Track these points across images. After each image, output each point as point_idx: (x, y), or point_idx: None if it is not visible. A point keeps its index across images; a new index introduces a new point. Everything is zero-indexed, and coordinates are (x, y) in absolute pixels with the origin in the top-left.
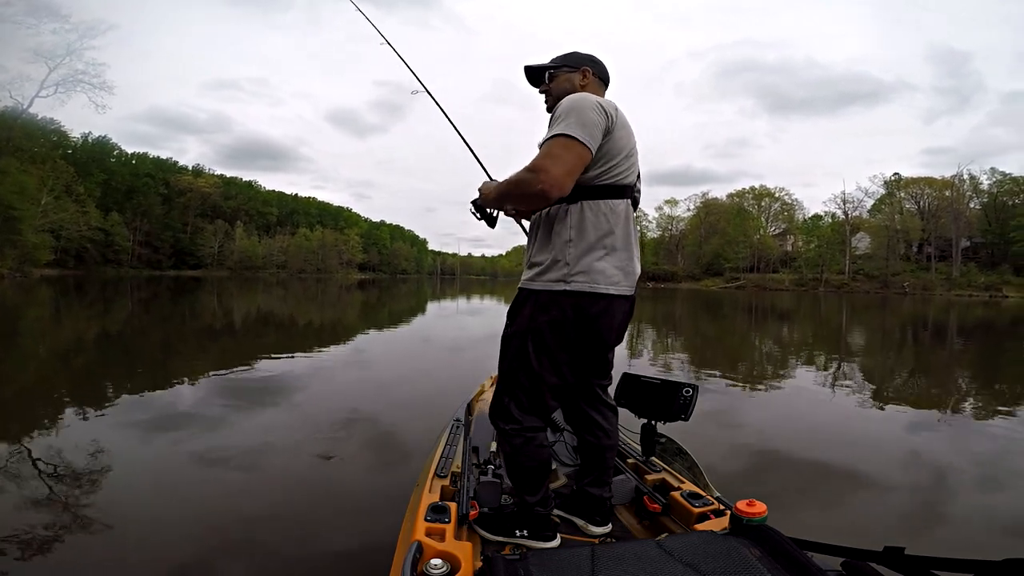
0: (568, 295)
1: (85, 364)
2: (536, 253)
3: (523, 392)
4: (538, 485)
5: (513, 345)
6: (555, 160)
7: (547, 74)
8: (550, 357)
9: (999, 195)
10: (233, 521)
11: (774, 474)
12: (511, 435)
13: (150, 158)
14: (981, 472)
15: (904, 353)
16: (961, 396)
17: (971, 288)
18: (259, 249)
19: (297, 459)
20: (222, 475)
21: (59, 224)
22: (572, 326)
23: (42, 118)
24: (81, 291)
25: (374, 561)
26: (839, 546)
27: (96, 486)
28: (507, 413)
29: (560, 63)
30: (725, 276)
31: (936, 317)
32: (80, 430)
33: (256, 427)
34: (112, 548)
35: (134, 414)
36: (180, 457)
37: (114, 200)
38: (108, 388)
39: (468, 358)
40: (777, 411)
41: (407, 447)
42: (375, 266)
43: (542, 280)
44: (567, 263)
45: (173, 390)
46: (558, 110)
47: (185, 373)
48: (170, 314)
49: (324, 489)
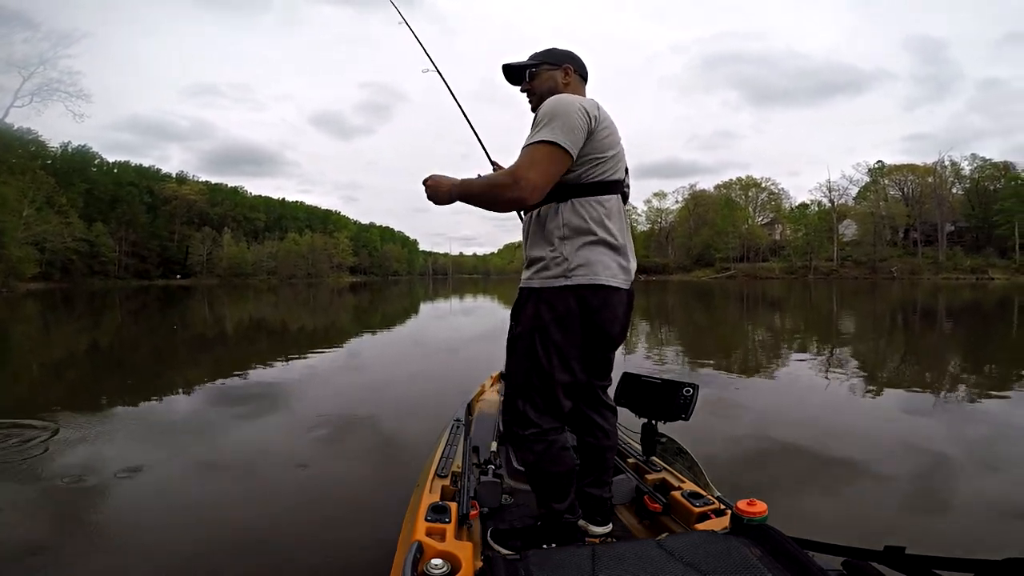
0: (570, 289)
1: (76, 377)
2: (531, 250)
3: (537, 393)
4: (566, 491)
5: (521, 346)
6: (536, 167)
7: (528, 72)
8: (559, 354)
9: (980, 180)
10: (234, 521)
11: (770, 464)
12: (532, 441)
13: (132, 166)
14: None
15: (904, 337)
16: (961, 377)
17: (958, 271)
18: (248, 255)
19: (296, 460)
20: (222, 477)
21: (42, 236)
22: (577, 320)
23: (18, 128)
24: (69, 304)
25: (374, 561)
26: (840, 546)
27: (95, 498)
28: (524, 418)
29: (540, 60)
30: (716, 266)
31: (926, 301)
32: (76, 442)
33: (255, 431)
34: (109, 557)
35: (130, 425)
36: (182, 461)
37: (98, 210)
38: (102, 399)
39: (466, 358)
40: (773, 399)
41: (407, 447)
42: (366, 269)
43: (542, 277)
44: (565, 258)
45: (168, 399)
46: (541, 112)
47: (179, 383)
48: (159, 324)
49: (324, 490)
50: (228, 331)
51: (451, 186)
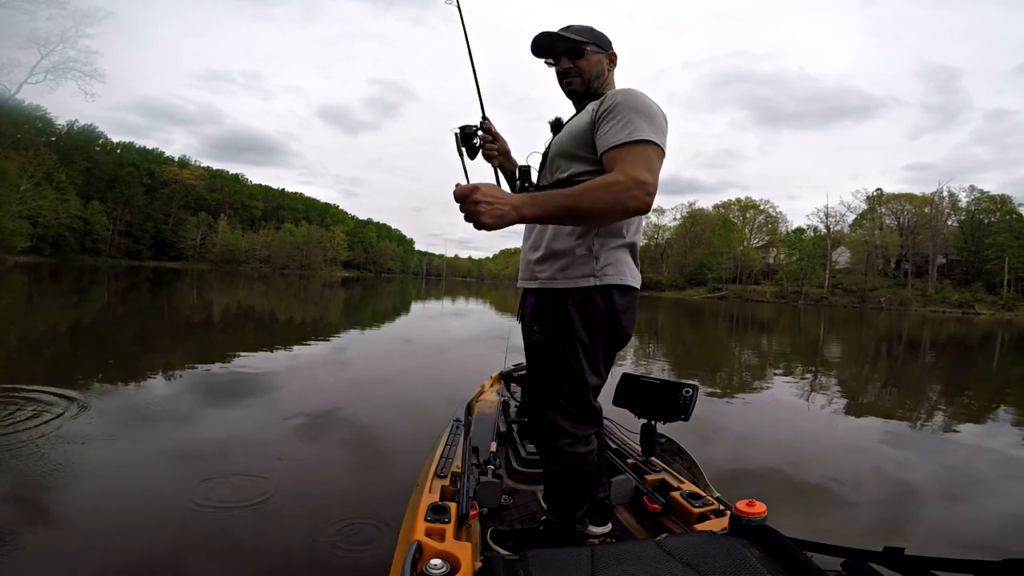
0: (598, 289)
1: (54, 355)
2: (554, 242)
3: (568, 400)
4: (585, 500)
5: (548, 352)
6: (653, 171)
7: (583, 48)
8: (590, 357)
9: (976, 213)
10: (234, 521)
11: (744, 483)
12: (561, 453)
13: (136, 148)
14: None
15: (883, 366)
16: (948, 406)
17: (945, 304)
18: (242, 243)
19: (295, 460)
20: (220, 474)
21: (37, 211)
22: (605, 321)
23: (28, 104)
24: (56, 279)
25: (374, 561)
26: (839, 546)
27: (68, 487)
28: (555, 428)
29: (590, 39)
30: (708, 286)
31: (909, 332)
32: (49, 421)
33: (250, 428)
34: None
35: (135, 405)
36: (184, 457)
37: (96, 189)
38: (78, 379)
39: (464, 357)
40: (754, 420)
41: (406, 447)
42: (360, 264)
43: (568, 276)
44: (595, 256)
45: (179, 382)
46: (628, 105)
47: (167, 369)
48: (147, 305)
49: (323, 489)
50: (215, 320)
51: (521, 203)
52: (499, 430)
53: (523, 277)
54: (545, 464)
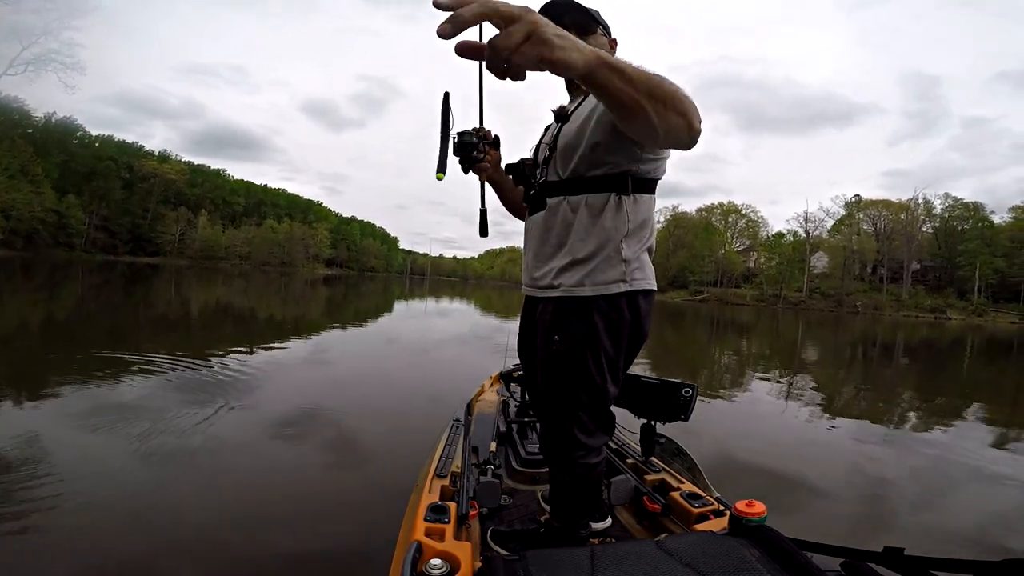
0: (624, 295)
1: (22, 349)
2: (579, 247)
3: (585, 411)
4: (591, 506)
5: (566, 363)
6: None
7: (599, 25)
8: (612, 367)
9: (950, 220)
10: (234, 521)
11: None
12: (575, 465)
13: (115, 141)
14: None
15: (858, 369)
16: (924, 408)
17: (919, 309)
18: (222, 239)
19: (294, 460)
20: (219, 474)
21: (10, 204)
22: (628, 327)
23: (5, 96)
24: (28, 274)
25: (374, 561)
26: (838, 546)
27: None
28: (572, 441)
29: (601, 21)
30: (689, 289)
31: (882, 335)
32: (14, 420)
33: (248, 430)
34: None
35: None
36: (181, 457)
37: (72, 182)
38: (47, 377)
39: (460, 358)
40: (732, 420)
41: (405, 447)
42: (342, 262)
43: (595, 283)
44: (624, 259)
45: (185, 378)
46: None
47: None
48: (120, 301)
49: (323, 489)
50: (193, 316)
51: (597, 52)
52: (499, 430)
53: (540, 286)
54: (555, 475)
